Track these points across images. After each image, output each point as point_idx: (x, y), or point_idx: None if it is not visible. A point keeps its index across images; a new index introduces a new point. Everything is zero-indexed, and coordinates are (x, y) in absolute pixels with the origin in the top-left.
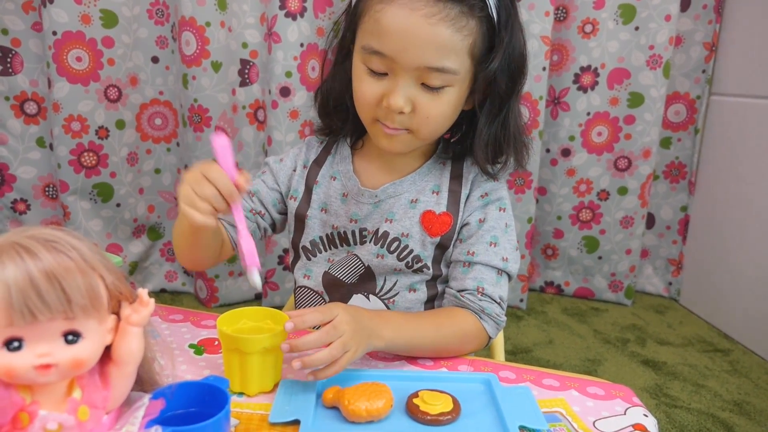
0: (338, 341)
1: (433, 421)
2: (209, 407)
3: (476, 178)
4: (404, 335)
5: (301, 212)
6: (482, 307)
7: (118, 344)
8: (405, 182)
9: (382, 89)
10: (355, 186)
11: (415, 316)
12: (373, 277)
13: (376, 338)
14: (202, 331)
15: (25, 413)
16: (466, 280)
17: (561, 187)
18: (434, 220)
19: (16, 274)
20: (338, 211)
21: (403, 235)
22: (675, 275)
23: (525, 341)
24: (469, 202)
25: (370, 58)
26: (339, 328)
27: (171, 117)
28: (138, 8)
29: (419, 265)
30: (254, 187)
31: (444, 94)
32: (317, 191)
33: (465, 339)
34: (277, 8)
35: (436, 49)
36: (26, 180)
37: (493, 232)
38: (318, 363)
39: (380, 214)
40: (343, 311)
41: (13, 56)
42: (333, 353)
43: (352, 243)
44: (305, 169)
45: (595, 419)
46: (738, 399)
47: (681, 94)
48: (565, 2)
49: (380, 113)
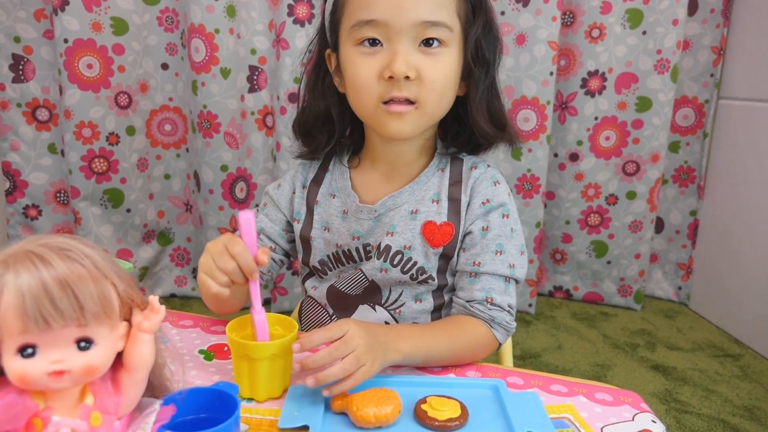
0: (351, 355)
1: (441, 427)
2: (219, 413)
3: (476, 183)
4: (420, 348)
5: (305, 234)
6: (492, 317)
7: (129, 351)
8: (404, 193)
9: (380, 64)
10: (354, 203)
11: (428, 328)
12: (378, 289)
13: (393, 352)
14: (212, 336)
15: (38, 419)
16: (474, 290)
17: (569, 191)
18: (436, 231)
19: (30, 282)
20: (340, 229)
21: (406, 248)
22: (684, 280)
23: (534, 346)
24: (471, 209)
25: (361, 31)
26: (351, 342)
27: (180, 123)
28: (148, 16)
29: (424, 277)
30: (258, 225)
31: (442, 56)
32: (318, 211)
33: (477, 348)
34: (286, 15)
35: (429, 4)
36: (38, 186)
37: (498, 240)
38: (331, 378)
39: (381, 228)
40: (355, 326)
41: (25, 63)
42: (346, 367)
43: (358, 260)
44: (304, 189)
45: (603, 425)
46: (749, 404)
47: (689, 98)
48: (572, 7)
49: (383, 90)
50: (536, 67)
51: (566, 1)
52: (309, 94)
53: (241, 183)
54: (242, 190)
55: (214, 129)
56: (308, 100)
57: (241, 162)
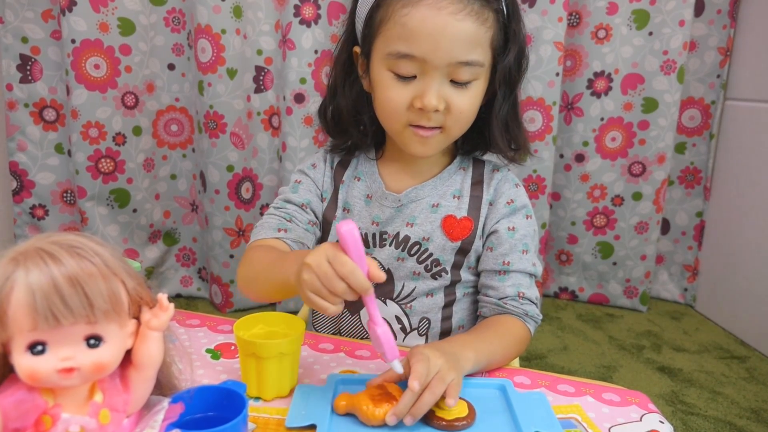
0: (435, 378)
1: (448, 426)
2: (227, 411)
3: (498, 184)
4: (483, 353)
5: (328, 214)
6: (525, 311)
7: (138, 348)
8: (427, 186)
9: (412, 93)
10: (380, 189)
11: (478, 333)
12: (391, 280)
13: (465, 361)
14: (219, 335)
15: (47, 416)
16: (506, 288)
17: (575, 192)
18: (455, 225)
19: (40, 279)
20: (361, 212)
21: (424, 239)
22: (690, 281)
23: (539, 347)
24: (495, 208)
25: (397, 63)
26: (433, 368)
27: (187, 123)
28: (155, 16)
29: (438, 269)
30: (305, 197)
31: (472, 88)
32: (342, 191)
33: (520, 344)
34: (292, 15)
35: (464, 43)
36: (45, 186)
37: (524, 240)
38: (426, 409)
39: (402, 218)
40: (428, 350)
41: (33, 64)
42: (435, 392)
43: (372, 245)
44: (332, 170)
45: (611, 425)
46: (755, 406)
47: (695, 99)
48: (578, 8)
49: (412, 117)
50: (542, 68)
51: (572, 2)
52: (339, 89)
53: (247, 183)
54: (248, 191)
55: (220, 129)
56: (337, 95)
57: (247, 162)
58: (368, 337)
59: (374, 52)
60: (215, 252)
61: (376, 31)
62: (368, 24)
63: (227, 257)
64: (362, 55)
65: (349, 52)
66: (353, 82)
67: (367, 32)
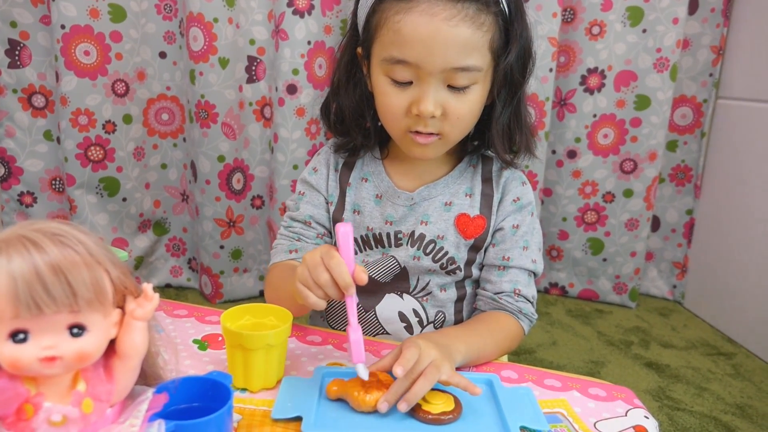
0: (430, 366)
1: (434, 420)
2: (212, 402)
3: (506, 182)
4: (473, 347)
5: (337, 216)
6: (520, 308)
7: (122, 338)
8: (439, 185)
9: (409, 98)
10: (390, 187)
11: (470, 328)
12: (407, 276)
13: (455, 353)
14: (206, 326)
15: (29, 405)
16: (503, 283)
17: (566, 188)
18: (469, 223)
19: (22, 267)
20: (372, 212)
21: (439, 238)
22: (680, 278)
23: (528, 342)
24: (502, 206)
25: (393, 68)
26: (426, 358)
27: (178, 112)
28: (146, 3)
29: (453, 267)
30: (307, 213)
31: (470, 93)
32: (350, 193)
33: (512, 340)
34: (285, 5)
35: (460, 49)
36: (33, 173)
37: (525, 237)
38: (421, 395)
39: (415, 216)
40: (421, 341)
41: (22, 49)
42: (430, 378)
43: (387, 245)
44: (336, 172)
45: (596, 420)
46: (741, 402)
47: (688, 97)
48: (572, 4)
49: (410, 122)
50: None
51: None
52: (342, 89)
53: (238, 174)
54: (239, 181)
55: (211, 119)
56: (340, 95)
57: (238, 153)
58: (383, 333)
59: (373, 56)
60: (205, 243)
61: (374, 35)
62: (366, 28)
63: (217, 248)
64: (364, 57)
65: (352, 52)
66: (357, 82)
67: (366, 36)
